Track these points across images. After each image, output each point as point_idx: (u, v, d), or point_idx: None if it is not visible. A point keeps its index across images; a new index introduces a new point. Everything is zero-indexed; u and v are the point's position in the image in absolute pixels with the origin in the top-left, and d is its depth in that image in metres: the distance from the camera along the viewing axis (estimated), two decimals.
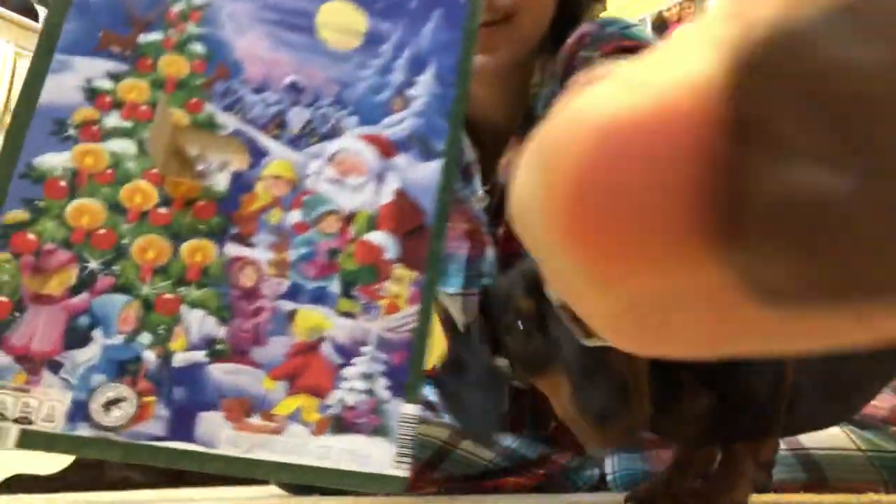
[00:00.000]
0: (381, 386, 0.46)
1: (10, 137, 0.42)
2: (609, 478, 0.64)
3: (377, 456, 0.45)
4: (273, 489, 0.60)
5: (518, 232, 0.12)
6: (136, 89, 0.46)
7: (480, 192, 0.68)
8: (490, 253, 0.68)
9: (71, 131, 0.44)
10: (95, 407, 0.41)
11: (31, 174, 0.43)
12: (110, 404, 0.41)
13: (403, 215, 0.49)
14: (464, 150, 0.69)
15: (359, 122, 0.50)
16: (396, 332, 0.48)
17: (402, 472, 0.46)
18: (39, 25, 1.73)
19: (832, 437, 0.61)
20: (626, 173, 0.07)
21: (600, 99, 0.07)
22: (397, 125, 0.51)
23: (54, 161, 0.43)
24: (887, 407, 0.64)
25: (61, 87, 0.44)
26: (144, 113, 0.46)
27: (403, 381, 0.47)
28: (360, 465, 0.45)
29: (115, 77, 0.45)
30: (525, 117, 0.71)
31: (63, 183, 0.43)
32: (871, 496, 0.59)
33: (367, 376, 0.46)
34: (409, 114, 0.51)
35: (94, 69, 0.45)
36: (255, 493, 0.56)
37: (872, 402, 0.63)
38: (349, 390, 0.46)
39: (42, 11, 1.85)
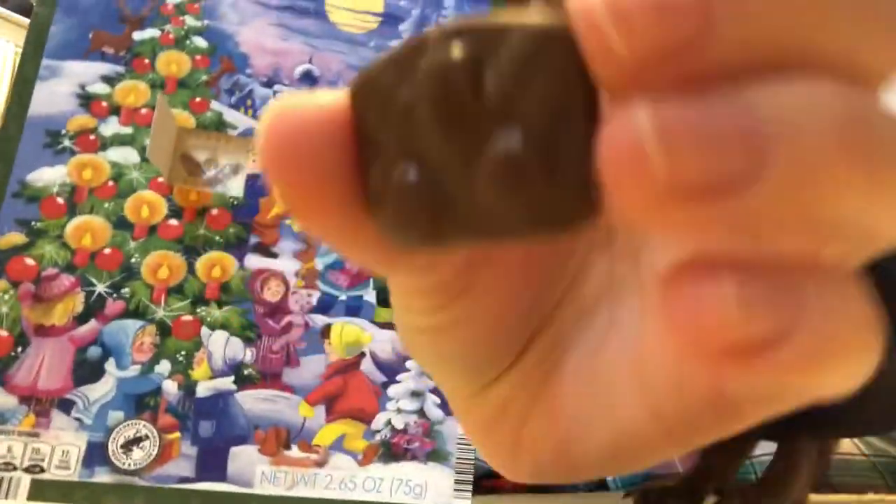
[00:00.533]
0: (432, 404, 0.41)
1: (0, 152, 0.38)
2: (609, 478, 0.61)
3: (434, 485, 0.40)
4: None
5: None
6: (134, 92, 0.41)
7: None
8: None
9: (66, 142, 0.39)
10: (114, 448, 0.36)
11: (26, 192, 0.38)
12: (130, 444, 0.36)
13: None
14: None
15: None
16: None
17: (464, 500, 0.40)
18: None
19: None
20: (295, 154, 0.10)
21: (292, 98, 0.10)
22: None
23: (50, 176, 0.39)
24: None
25: (53, 95, 0.40)
26: (145, 117, 0.41)
27: None
28: (415, 496, 0.39)
29: (111, 80, 0.41)
30: None
31: (61, 200, 0.39)
32: (872, 496, 0.58)
33: (416, 394, 0.41)
34: None
35: (87, 73, 0.40)
36: None
37: None
38: (397, 412, 0.41)
39: None
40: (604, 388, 0.13)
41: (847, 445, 0.60)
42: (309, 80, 0.44)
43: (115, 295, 0.38)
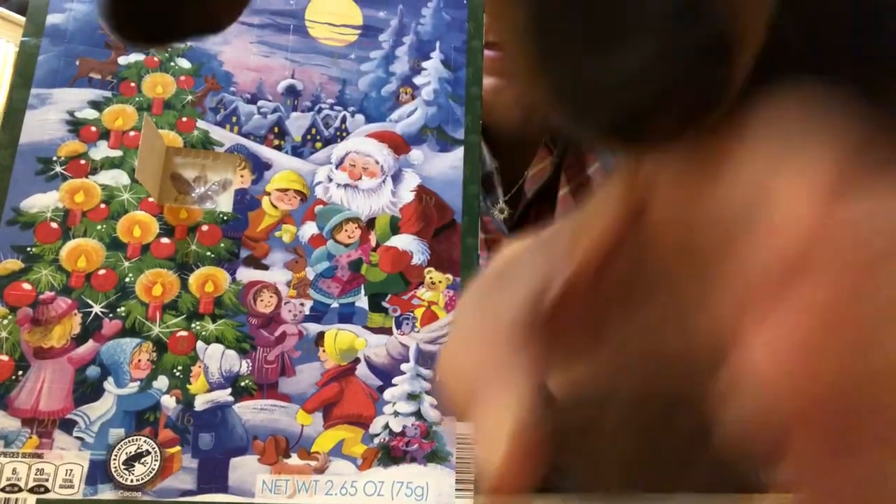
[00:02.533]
0: (429, 406, 0.41)
1: None
2: None
3: (436, 485, 0.40)
4: None
5: None
6: (121, 115, 0.42)
7: (502, 202, 0.65)
8: None
9: (57, 168, 0.40)
10: (116, 465, 0.37)
11: (20, 219, 0.39)
12: (132, 460, 0.37)
13: (428, 214, 0.45)
14: (485, 159, 0.66)
15: (365, 121, 0.46)
16: (437, 343, 0.43)
17: (466, 500, 0.40)
18: None
19: None
20: None
21: None
22: (407, 118, 0.46)
23: (43, 202, 0.40)
24: None
25: (43, 123, 0.41)
26: (133, 139, 0.42)
27: None
28: (417, 498, 0.40)
29: (98, 105, 0.42)
30: (554, 130, 0.68)
31: (55, 225, 0.40)
32: None
33: (412, 397, 0.41)
34: (418, 104, 0.47)
35: (75, 100, 0.41)
36: None
37: None
38: (394, 415, 0.41)
39: None
40: None
41: None
42: (292, 94, 0.45)
43: (111, 314, 0.39)
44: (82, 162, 0.41)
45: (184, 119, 0.43)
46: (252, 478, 0.38)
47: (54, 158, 0.40)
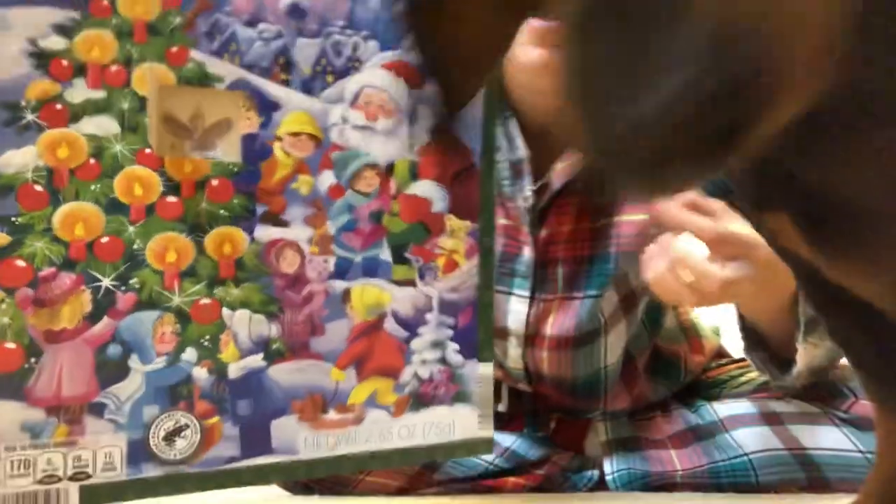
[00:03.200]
0: (453, 351, 0.43)
1: None
2: (609, 478, 0.64)
3: (461, 423, 0.43)
4: (273, 489, 0.58)
5: None
6: (97, 44, 0.35)
7: (529, 191, 0.61)
8: (527, 254, 0.63)
9: (28, 116, 0.33)
10: (156, 442, 0.36)
11: None
12: (172, 436, 0.36)
13: (447, 157, 0.43)
14: (517, 145, 0.61)
15: (379, 47, 0.41)
16: (459, 290, 0.43)
17: (487, 432, 0.44)
18: None
19: (832, 438, 0.61)
20: None
21: None
22: None
23: (19, 160, 0.33)
24: None
25: (1, 57, 0.33)
26: (117, 75, 0.35)
27: (473, 340, 0.44)
28: (445, 436, 0.43)
29: (67, 31, 0.34)
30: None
31: (39, 187, 0.34)
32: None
33: (437, 344, 0.43)
34: None
35: (37, 24, 0.33)
36: (254, 494, 0.54)
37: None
38: (421, 363, 0.42)
39: None
40: None
41: (844, 443, 0.60)
42: (296, 14, 0.39)
43: (123, 287, 0.35)
44: (58, 107, 0.34)
45: (174, 49, 0.36)
46: (294, 436, 0.39)
47: (23, 103, 0.33)
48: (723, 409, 0.66)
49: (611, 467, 0.64)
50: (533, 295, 0.63)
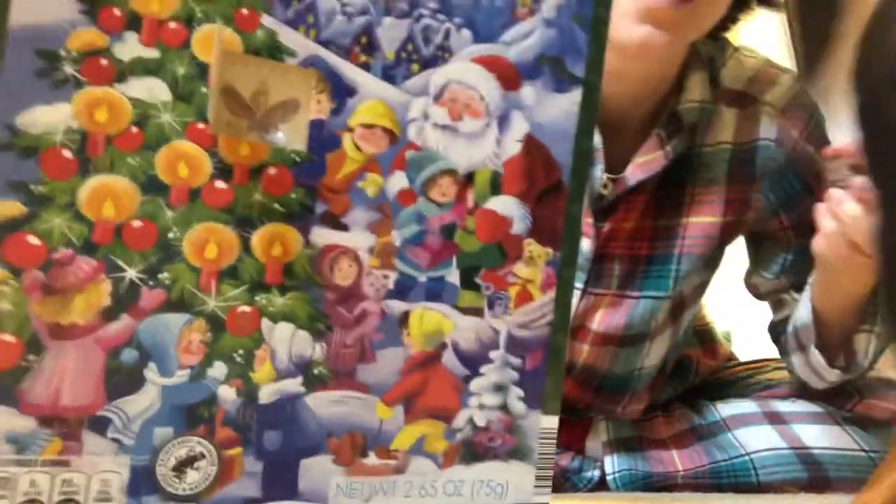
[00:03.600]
0: (515, 397, 0.37)
1: None
2: (609, 478, 0.63)
3: (516, 483, 0.37)
4: None
5: None
6: None
7: (599, 182, 0.59)
8: (587, 246, 0.62)
9: (67, 68, 0.28)
10: (164, 472, 0.30)
11: (17, 142, 0.27)
12: (183, 465, 0.30)
13: (534, 172, 0.37)
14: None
15: (472, 39, 0.35)
16: (530, 328, 0.37)
17: (544, 497, 0.37)
18: None
19: (835, 436, 0.61)
20: None
21: None
22: (522, 40, 0.36)
23: (49, 118, 0.28)
24: (892, 407, 0.63)
25: None
26: (175, 34, 0.30)
27: (540, 388, 0.37)
28: (496, 497, 0.36)
29: None
30: (669, 120, 0.63)
31: (68, 153, 0.28)
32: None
33: (500, 388, 0.36)
34: (537, 23, 0.37)
35: None
36: None
37: (876, 402, 0.63)
38: (479, 408, 0.36)
39: None
40: None
41: (846, 441, 0.60)
42: None
43: (151, 282, 0.29)
44: (103, 62, 0.29)
45: (244, 11, 0.31)
46: (325, 480, 0.33)
47: (62, 53, 0.28)
48: (726, 408, 0.66)
49: (612, 467, 0.63)
50: (585, 288, 0.62)
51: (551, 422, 0.38)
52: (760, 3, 0.66)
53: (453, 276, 0.35)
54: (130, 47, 0.29)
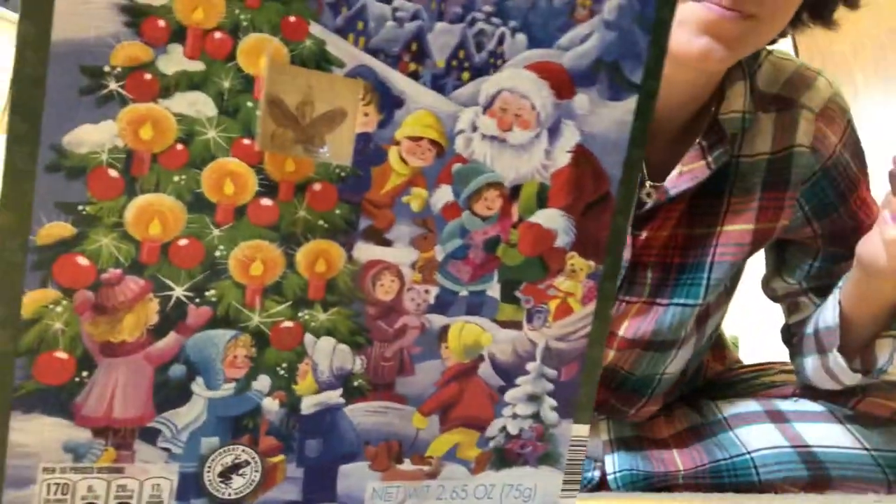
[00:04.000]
0: (548, 407, 0.37)
1: (21, 106, 0.26)
2: (610, 478, 0.62)
3: (544, 487, 0.38)
4: None
5: None
6: (202, 3, 0.28)
7: (648, 186, 0.57)
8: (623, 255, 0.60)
9: (112, 85, 0.27)
10: (211, 478, 0.31)
11: (65, 163, 0.27)
12: (229, 472, 0.31)
13: (582, 184, 0.36)
14: None
15: (527, 44, 0.34)
16: (567, 340, 0.37)
17: (570, 501, 0.39)
18: None
19: (836, 435, 0.60)
20: None
21: None
22: (579, 45, 0.34)
23: (95, 138, 0.27)
24: (894, 405, 0.62)
25: (85, 8, 0.26)
26: (220, 44, 0.28)
27: (573, 398, 0.38)
28: (524, 500, 0.37)
29: None
30: (710, 129, 0.61)
31: (114, 173, 0.28)
32: (873, 497, 0.57)
33: (534, 398, 0.37)
34: (596, 25, 0.35)
35: None
36: None
37: (879, 400, 0.62)
38: (512, 417, 0.37)
39: None
40: None
41: (848, 440, 0.59)
42: None
43: (197, 300, 0.30)
44: (147, 76, 0.28)
45: (291, 18, 0.29)
46: (362, 485, 0.34)
47: (106, 69, 0.27)
48: (727, 407, 0.65)
49: (612, 467, 0.63)
50: (616, 296, 0.61)
51: (582, 430, 0.38)
52: (814, 20, 0.63)
53: (494, 290, 0.35)
54: (175, 60, 0.28)
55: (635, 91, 0.36)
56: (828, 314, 0.61)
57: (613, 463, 0.63)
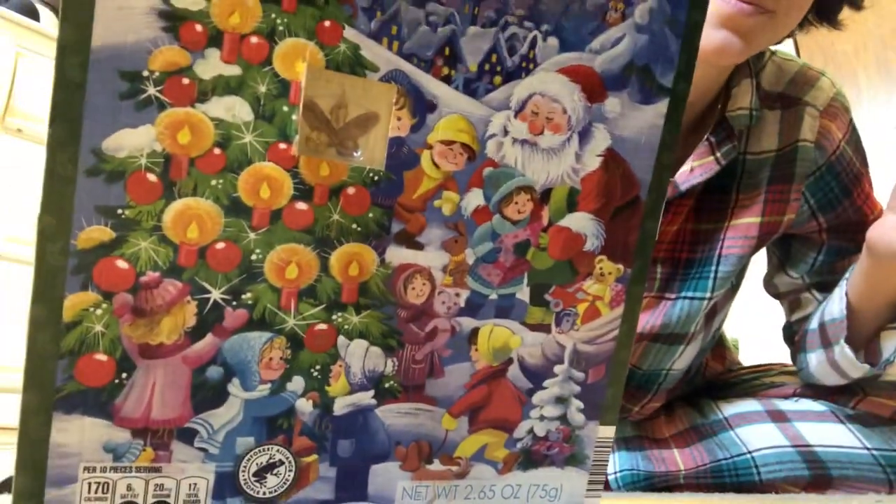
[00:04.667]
0: (575, 409, 0.38)
1: (61, 111, 0.26)
2: (611, 478, 0.62)
3: (569, 488, 0.38)
4: None
5: None
6: (238, 8, 0.28)
7: None
8: None
9: (151, 90, 0.27)
10: (246, 477, 0.32)
11: (105, 167, 0.27)
12: (264, 471, 0.32)
13: (612, 188, 0.36)
14: None
15: (559, 47, 0.33)
16: (595, 343, 0.37)
17: (594, 501, 0.39)
18: (41, 26, 1.39)
19: (837, 434, 0.59)
20: None
21: None
22: (611, 48, 0.34)
23: (134, 142, 0.27)
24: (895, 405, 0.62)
25: (125, 14, 0.26)
26: (257, 49, 0.29)
27: (600, 401, 0.38)
28: (550, 499, 0.38)
29: None
30: (718, 126, 0.61)
31: (152, 177, 0.28)
32: (874, 497, 0.56)
33: (561, 400, 0.37)
34: (627, 28, 0.34)
35: None
36: None
37: (880, 400, 0.61)
38: (540, 419, 0.37)
39: (44, 12, 1.48)
40: None
41: (849, 439, 0.59)
42: None
43: (234, 302, 0.30)
44: (185, 81, 0.28)
45: (327, 23, 0.29)
46: (393, 484, 0.34)
47: (145, 74, 0.27)
48: (728, 407, 0.65)
49: (613, 467, 0.63)
50: None
51: (608, 431, 0.39)
52: (819, 20, 0.62)
53: (524, 293, 0.35)
54: (212, 64, 0.28)
55: (666, 95, 0.36)
56: (834, 307, 0.61)
57: (614, 463, 0.63)
